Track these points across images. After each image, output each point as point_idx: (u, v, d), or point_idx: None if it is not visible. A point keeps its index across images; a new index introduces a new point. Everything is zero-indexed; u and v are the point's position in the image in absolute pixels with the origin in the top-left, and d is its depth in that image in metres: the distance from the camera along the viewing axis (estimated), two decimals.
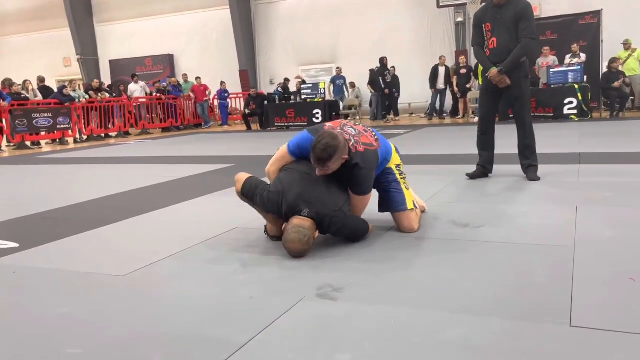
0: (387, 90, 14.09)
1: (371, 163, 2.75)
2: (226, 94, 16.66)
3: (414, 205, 3.01)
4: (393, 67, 14.47)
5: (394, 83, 14.33)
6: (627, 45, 11.79)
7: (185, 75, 17.07)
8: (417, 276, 2.29)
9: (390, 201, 2.99)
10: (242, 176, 2.87)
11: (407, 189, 3.02)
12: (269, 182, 2.84)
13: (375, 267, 2.43)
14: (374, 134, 2.91)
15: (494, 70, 4.22)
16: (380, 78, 14.06)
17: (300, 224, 2.56)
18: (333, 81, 15.48)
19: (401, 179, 3.02)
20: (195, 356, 1.67)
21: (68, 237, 3.31)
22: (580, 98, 10.55)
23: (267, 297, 2.14)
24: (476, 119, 12.25)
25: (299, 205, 2.60)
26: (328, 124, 2.91)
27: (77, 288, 2.38)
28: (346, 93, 15.34)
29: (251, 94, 14.85)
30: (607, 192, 3.72)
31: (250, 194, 2.78)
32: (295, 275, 2.36)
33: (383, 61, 14.14)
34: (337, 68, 15.73)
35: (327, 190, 2.67)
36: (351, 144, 2.70)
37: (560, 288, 2.05)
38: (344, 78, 15.38)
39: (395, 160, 3.03)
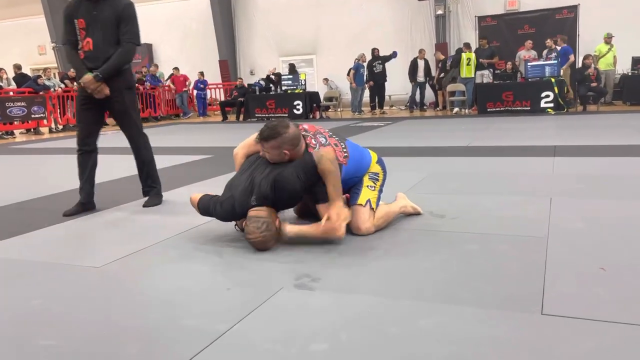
0: (371, 82, 13.86)
1: None
2: (203, 85, 16.47)
3: (371, 205, 2.82)
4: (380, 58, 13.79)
5: (384, 74, 13.78)
6: (607, 39, 11.93)
7: (155, 66, 16.62)
8: (394, 266, 2.31)
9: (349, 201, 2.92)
10: (195, 198, 2.83)
11: (371, 190, 2.86)
12: (234, 170, 2.82)
13: (352, 258, 2.45)
14: (345, 150, 2.82)
15: (88, 77, 3.48)
16: (367, 69, 13.71)
17: (256, 214, 2.56)
18: (357, 68, 13.73)
19: (369, 180, 2.89)
20: (173, 346, 1.67)
21: (43, 227, 3.27)
22: (556, 92, 10.71)
23: (244, 288, 2.14)
24: (455, 111, 12.43)
25: (245, 198, 2.60)
26: (305, 125, 2.87)
27: (52, 279, 2.35)
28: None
29: (237, 85, 14.74)
30: (581, 184, 3.79)
31: (207, 212, 2.79)
32: (273, 266, 2.37)
33: (374, 52, 13.75)
34: (362, 54, 13.79)
35: (268, 172, 2.63)
36: (313, 150, 2.68)
37: (532, 277, 2.09)
38: (363, 66, 13.89)
39: (371, 169, 2.93)
